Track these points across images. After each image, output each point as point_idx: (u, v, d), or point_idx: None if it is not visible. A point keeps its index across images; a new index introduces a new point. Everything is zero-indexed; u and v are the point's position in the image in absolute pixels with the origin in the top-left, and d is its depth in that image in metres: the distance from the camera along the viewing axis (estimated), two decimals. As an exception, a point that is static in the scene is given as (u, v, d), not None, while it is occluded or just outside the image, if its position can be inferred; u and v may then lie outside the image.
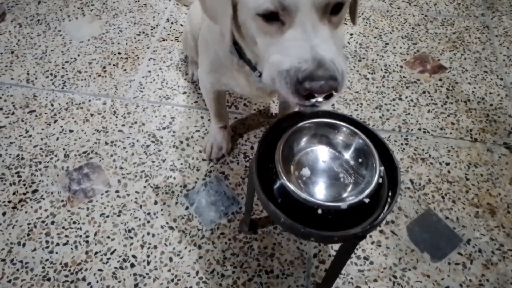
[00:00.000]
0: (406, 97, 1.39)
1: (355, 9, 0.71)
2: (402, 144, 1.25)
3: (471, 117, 1.34)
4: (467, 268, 1.01)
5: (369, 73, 1.46)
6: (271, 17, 0.58)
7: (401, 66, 1.49)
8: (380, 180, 0.67)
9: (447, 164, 1.21)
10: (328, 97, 0.57)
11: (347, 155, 0.73)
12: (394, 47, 1.56)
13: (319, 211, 0.64)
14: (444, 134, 1.29)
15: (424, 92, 1.41)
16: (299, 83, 0.56)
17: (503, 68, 1.50)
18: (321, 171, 0.72)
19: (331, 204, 0.64)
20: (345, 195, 0.68)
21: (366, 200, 0.64)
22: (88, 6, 1.68)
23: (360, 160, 0.71)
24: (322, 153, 0.74)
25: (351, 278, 0.98)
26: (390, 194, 0.69)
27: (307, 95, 0.57)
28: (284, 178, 0.65)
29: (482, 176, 1.18)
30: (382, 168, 0.69)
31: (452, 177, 1.18)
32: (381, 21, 1.67)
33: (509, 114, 1.35)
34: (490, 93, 1.41)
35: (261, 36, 0.62)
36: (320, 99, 0.57)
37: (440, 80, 1.45)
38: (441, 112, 1.35)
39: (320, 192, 0.69)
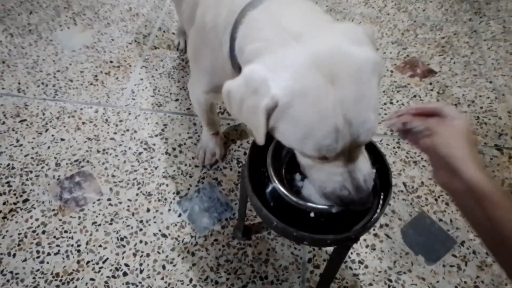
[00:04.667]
0: (397, 101, 1.40)
1: None
2: (394, 147, 1.26)
3: (462, 120, 1.35)
4: (462, 270, 1.00)
5: (361, 78, 1.47)
6: None
7: (392, 71, 1.51)
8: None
9: (439, 166, 1.21)
10: None
11: (339, 157, 0.73)
12: (384, 52, 1.58)
13: (312, 214, 0.64)
14: (436, 137, 1.29)
15: (415, 96, 1.42)
16: (342, 203, 0.61)
17: (491, 71, 1.52)
18: (313, 174, 0.71)
19: (323, 207, 0.64)
20: (337, 197, 0.67)
21: (358, 202, 0.64)
22: (80, 16, 1.68)
23: (351, 162, 0.71)
24: (313, 156, 0.74)
25: (346, 283, 0.98)
26: (382, 196, 0.69)
27: None
28: (276, 182, 0.65)
29: (474, 178, 1.19)
30: (374, 170, 0.69)
31: (444, 179, 1.18)
32: (370, 27, 1.69)
33: (499, 116, 1.36)
34: (480, 96, 1.43)
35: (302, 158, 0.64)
36: None
37: (431, 84, 1.47)
38: (432, 116, 1.36)
39: (312, 195, 0.68)
